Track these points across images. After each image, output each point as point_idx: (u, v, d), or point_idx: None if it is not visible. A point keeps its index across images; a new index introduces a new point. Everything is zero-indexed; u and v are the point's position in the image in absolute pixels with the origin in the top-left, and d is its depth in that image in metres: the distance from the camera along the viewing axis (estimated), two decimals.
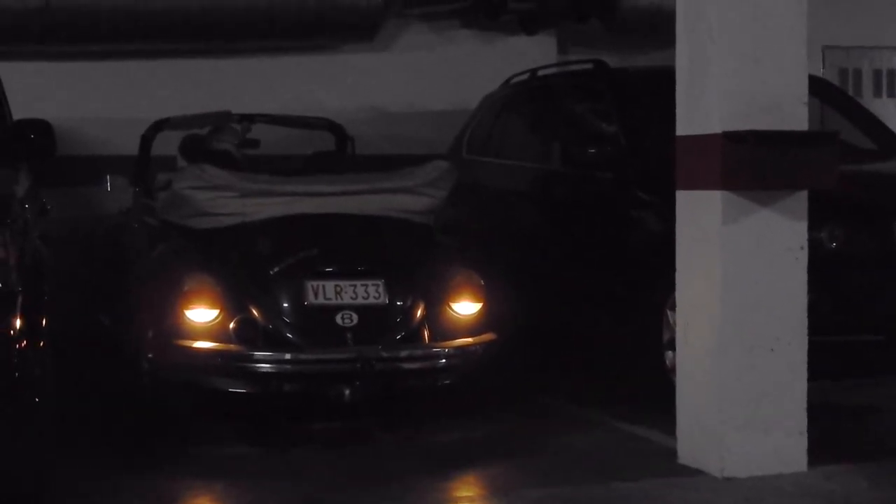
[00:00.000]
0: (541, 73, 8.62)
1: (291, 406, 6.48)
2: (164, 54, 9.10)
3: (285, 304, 6.16)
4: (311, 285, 6.17)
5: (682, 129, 5.53)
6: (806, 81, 5.38)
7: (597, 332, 7.56)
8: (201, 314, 6.11)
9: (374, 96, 9.52)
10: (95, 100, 8.98)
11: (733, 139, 5.22)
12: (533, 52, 9.85)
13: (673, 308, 6.44)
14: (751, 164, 5.20)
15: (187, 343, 6.09)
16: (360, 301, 6.17)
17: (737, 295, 5.33)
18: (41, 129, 5.84)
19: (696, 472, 5.41)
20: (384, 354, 6.06)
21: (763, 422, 5.37)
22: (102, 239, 8.29)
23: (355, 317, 6.12)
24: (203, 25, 9.00)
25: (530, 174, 8.10)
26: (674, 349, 6.41)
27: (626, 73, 7.97)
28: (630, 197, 7.08)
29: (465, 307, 6.35)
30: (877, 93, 10.83)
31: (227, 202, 6.51)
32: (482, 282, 6.43)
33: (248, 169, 7.28)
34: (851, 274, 6.09)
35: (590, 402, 6.86)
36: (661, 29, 9.80)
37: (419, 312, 6.24)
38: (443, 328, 6.28)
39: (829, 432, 5.63)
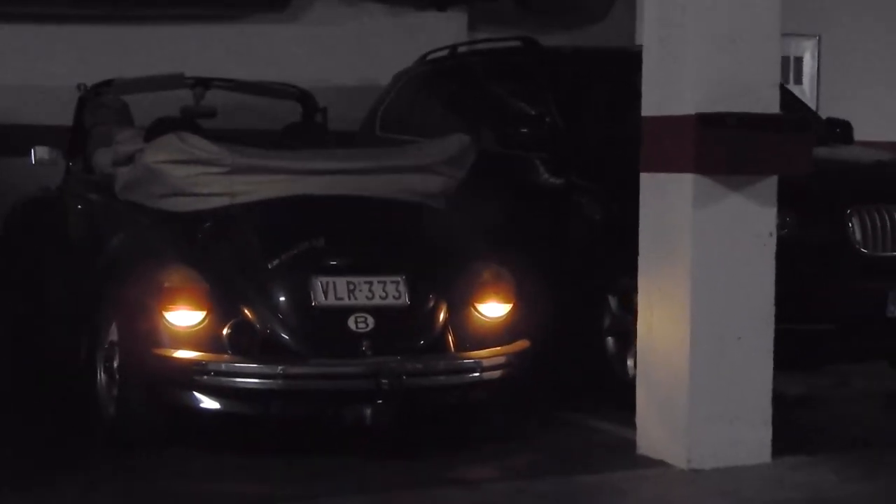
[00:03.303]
0: (460, 50, 8.40)
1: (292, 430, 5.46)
2: (74, 20, 8.60)
3: (288, 305, 5.21)
4: (319, 282, 5.25)
5: (649, 109, 5.36)
6: (779, 64, 5.27)
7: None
8: (184, 317, 5.13)
9: (284, 69, 9.14)
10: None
11: (709, 121, 5.06)
12: (444, 29, 9.64)
13: (614, 293, 6.34)
14: (728, 147, 5.06)
15: (166, 352, 5.10)
16: (376, 302, 5.25)
17: (706, 282, 5.19)
18: None
19: (658, 464, 5.28)
20: (410, 367, 5.17)
21: (729, 412, 5.25)
22: (21, 221, 7.11)
23: (371, 321, 5.21)
24: None
25: None
26: (614, 336, 6.33)
27: (557, 52, 7.77)
28: (568, 181, 6.88)
29: (493, 309, 5.53)
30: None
31: (212, 179, 5.48)
32: (512, 279, 5.62)
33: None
34: (804, 262, 6.00)
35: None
36: (571, 9, 9.85)
37: (441, 316, 5.40)
38: (468, 334, 5.44)
39: (785, 423, 5.52)
